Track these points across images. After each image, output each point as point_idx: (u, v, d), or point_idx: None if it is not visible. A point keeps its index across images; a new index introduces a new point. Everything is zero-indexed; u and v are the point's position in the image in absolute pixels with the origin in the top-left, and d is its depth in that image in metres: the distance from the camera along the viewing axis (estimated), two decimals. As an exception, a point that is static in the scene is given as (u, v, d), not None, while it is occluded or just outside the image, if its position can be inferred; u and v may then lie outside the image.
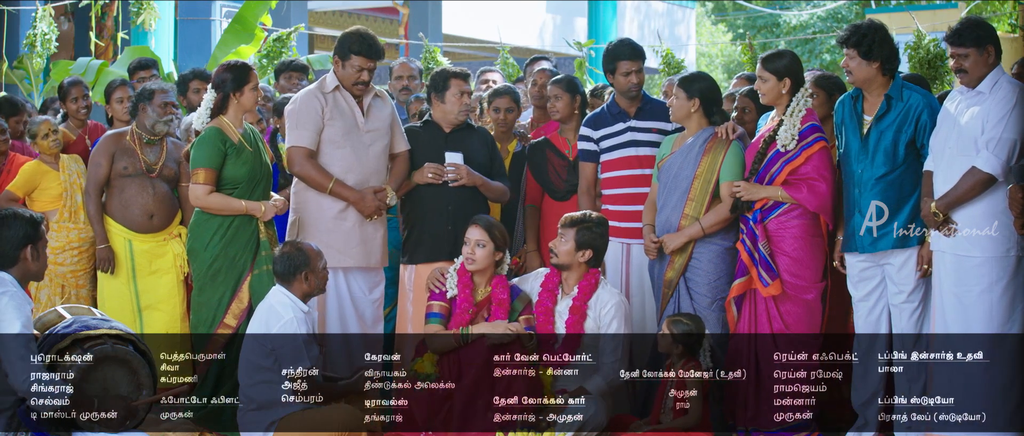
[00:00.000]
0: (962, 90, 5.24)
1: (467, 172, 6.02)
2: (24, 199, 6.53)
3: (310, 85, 6.04)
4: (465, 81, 6.12)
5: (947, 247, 5.19)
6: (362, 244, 5.90)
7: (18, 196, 6.51)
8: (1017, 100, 5.10)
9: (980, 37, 5.16)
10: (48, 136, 6.60)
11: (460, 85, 6.10)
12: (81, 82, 7.49)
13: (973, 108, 5.15)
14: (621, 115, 6.20)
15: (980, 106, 5.13)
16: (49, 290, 6.50)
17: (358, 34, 5.89)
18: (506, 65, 12.06)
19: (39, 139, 6.61)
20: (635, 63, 6.15)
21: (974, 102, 5.16)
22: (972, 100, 5.18)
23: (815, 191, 5.47)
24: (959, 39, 5.20)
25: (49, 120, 6.72)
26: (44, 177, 6.59)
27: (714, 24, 30.91)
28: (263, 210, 5.78)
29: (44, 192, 6.57)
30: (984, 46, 5.15)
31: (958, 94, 5.27)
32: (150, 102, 6.30)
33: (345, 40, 5.88)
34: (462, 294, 5.57)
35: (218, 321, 5.75)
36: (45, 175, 6.59)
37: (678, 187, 5.77)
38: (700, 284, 5.73)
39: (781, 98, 5.59)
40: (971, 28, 5.20)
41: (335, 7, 19.88)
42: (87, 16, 11.78)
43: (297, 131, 5.83)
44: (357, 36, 5.88)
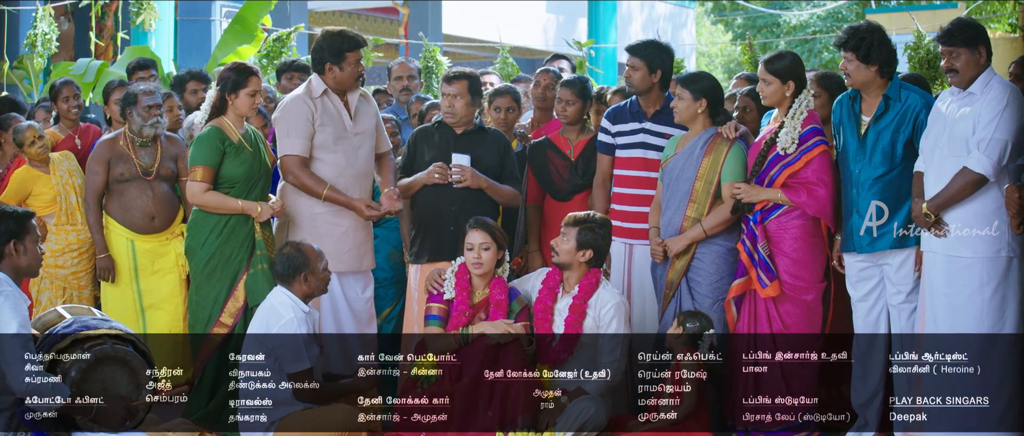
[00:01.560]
0: (954, 91, 5.24)
1: (472, 174, 6.02)
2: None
3: (295, 91, 6.03)
4: (447, 83, 6.10)
5: (938, 248, 5.19)
6: (355, 249, 5.91)
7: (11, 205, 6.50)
8: (1008, 101, 5.09)
9: (971, 37, 5.16)
10: (34, 143, 6.59)
11: (442, 87, 6.14)
12: (72, 82, 7.49)
13: (965, 108, 5.15)
14: (638, 115, 6.17)
15: (971, 107, 5.13)
16: (50, 293, 6.50)
17: (339, 33, 5.88)
18: (506, 65, 12.06)
19: (26, 147, 6.59)
20: (632, 59, 6.12)
21: (966, 103, 5.16)
22: (964, 100, 5.18)
23: (814, 195, 5.47)
24: (950, 39, 5.20)
25: (34, 125, 6.70)
26: (35, 183, 6.58)
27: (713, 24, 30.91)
28: (259, 211, 5.79)
29: (37, 197, 6.56)
30: (976, 47, 5.15)
31: (949, 95, 5.27)
32: (135, 106, 6.29)
33: (332, 44, 5.83)
34: (460, 296, 5.57)
35: (214, 320, 5.76)
36: (36, 180, 6.58)
37: (680, 189, 5.77)
38: (702, 284, 5.73)
39: (784, 100, 5.59)
40: (963, 28, 5.20)
41: (335, 7, 19.88)
42: (87, 16, 11.78)
43: (289, 139, 5.81)
44: (339, 35, 5.86)
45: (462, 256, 5.67)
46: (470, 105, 6.13)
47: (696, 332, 5.30)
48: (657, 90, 6.12)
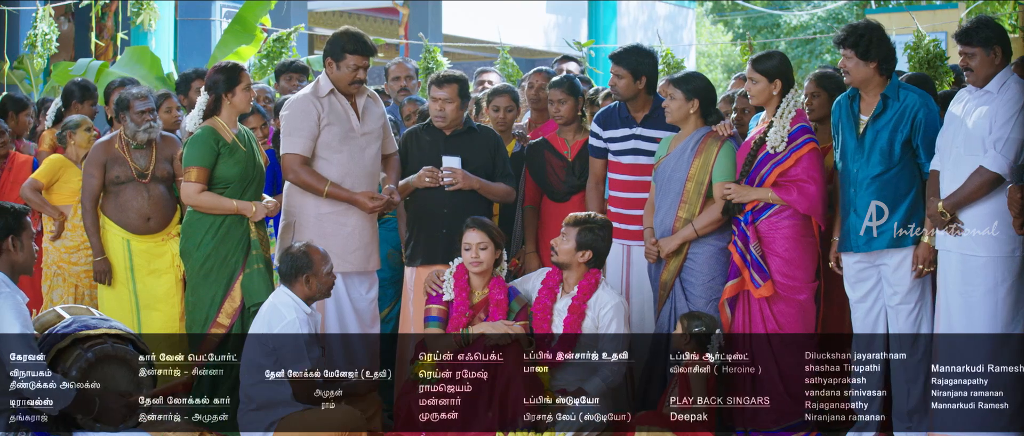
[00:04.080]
0: (970, 89, 5.24)
1: (463, 176, 6.02)
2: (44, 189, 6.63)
3: (303, 89, 6.04)
4: (437, 86, 6.09)
5: (953, 246, 5.19)
6: (363, 248, 5.91)
7: (42, 184, 6.59)
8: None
9: (988, 37, 5.16)
10: (90, 129, 6.78)
11: (431, 90, 6.13)
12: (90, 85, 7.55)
13: (981, 108, 5.15)
14: (628, 121, 6.16)
15: (988, 106, 5.13)
16: (62, 290, 6.54)
17: (350, 33, 5.89)
18: (506, 65, 12.06)
19: (82, 130, 6.74)
20: (616, 68, 6.12)
21: (982, 102, 5.16)
22: (980, 99, 5.17)
23: (805, 193, 5.48)
24: (967, 38, 5.20)
25: (86, 118, 6.86)
26: (67, 171, 6.68)
27: (713, 24, 30.91)
28: (253, 210, 5.80)
29: (65, 185, 6.64)
30: (991, 46, 5.15)
31: (966, 93, 5.27)
32: (128, 111, 6.30)
33: (338, 40, 5.86)
34: (459, 297, 5.57)
35: (211, 321, 5.77)
36: (68, 169, 6.69)
37: (672, 189, 5.78)
38: (695, 285, 5.73)
39: (771, 99, 5.60)
40: (980, 28, 5.20)
41: (335, 7, 19.88)
42: (87, 16, 11.79)
43: (291, 138, 5.82)
44: (350, 35, 5.87)
45: (459, 257, 5.68)
46: (460, 109, 6.14)
47: (702, 333, 5.30)
48: (644, 95, 6.11)
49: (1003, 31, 5.24)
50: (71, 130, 6.77)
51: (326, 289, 5.38)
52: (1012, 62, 5.27)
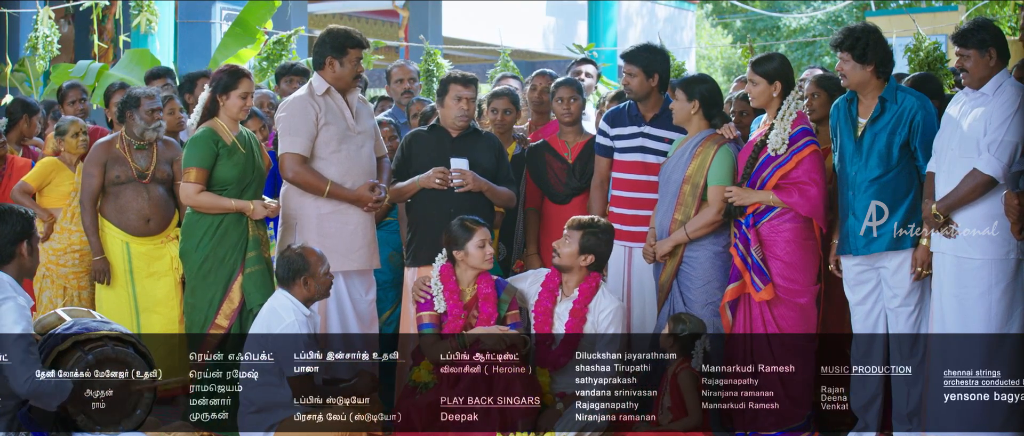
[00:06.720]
0: (967, 92, 5.25)
1: (473, 178, 6.02)
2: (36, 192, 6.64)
3: (298, 91, 6.04)
4: (464, 86, 6.07)
5: (948, 248, 5.20)
6: (366, 247, 5.94)
7: (32, 188, 6.60)
8: (1020, 103, 5.09)
9: (983, 40, 5.16)
10: (78, 135, 6.74)
11: (457, 90, 6.07)
12: (79, 85, 7.54)
13: (976, 110, 5.16)
14: (637, 119, 6.17)
15: (983, 108, 5.14)
16: (51, 292, 6.52)
17: (342, 30, 5.92)
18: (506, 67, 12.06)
19: (68, 137, 6.72)
20: (629, 66, 6.14)
21: (977, 104, 5.17)
22: (976, 102, 5.18)
23: (806, 195, 5.48)
24: (962, 40, 5.21)
25: (78, 120, 6.85)
26: (59, 173, 6.69)
27: (713, 26, 30.91)
28: (252, 208, 5.81)
29: (55, 188, 6.65)
30: (986, 48, 5.15)
31: (962, 96, 5.27)
32: (137, 109, 6.30)
33: (337, 38, 5.87)
34: (451, 300, 5.57)
35: (210, 322, 5.78)
36: (60, 171, 6.70)
37: (669, 191, 5.79)
38: (692, 288, 5.73)
39: (772, 101, 5.61)
40: (975, 30, 5.20)
41: (335, 9, 19.88)
42: (88, 19, 11.80)
43: (290, 138, 5.83)
44: (343, 32, 5.91)
45: (441, 257, 5.67)
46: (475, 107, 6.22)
47: (684, 335, 5.31)
48: (656, 94, 6.13)
49: (999, 33, 5.24)
50: (61, 134, 6.76)
51: (324, 290, 5.38)
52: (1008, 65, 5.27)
